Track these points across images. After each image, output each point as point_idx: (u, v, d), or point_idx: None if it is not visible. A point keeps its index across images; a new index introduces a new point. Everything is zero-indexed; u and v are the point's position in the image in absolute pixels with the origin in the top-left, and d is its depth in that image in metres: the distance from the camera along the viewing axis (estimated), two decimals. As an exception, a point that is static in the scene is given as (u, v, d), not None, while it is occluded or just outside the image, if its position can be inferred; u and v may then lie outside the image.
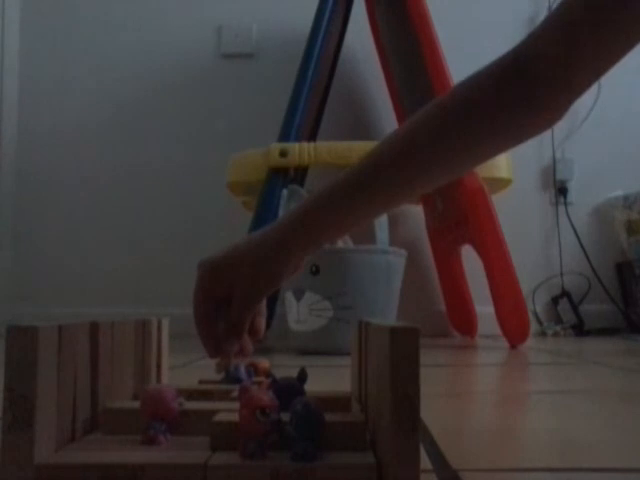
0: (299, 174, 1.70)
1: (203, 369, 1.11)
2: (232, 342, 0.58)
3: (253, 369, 0.68)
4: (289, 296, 1.49)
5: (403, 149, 0.57)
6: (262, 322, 0.62)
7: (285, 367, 1.17)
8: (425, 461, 0.48)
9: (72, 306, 2.15)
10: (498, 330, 1.62)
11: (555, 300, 2.16)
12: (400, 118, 2.09)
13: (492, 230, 1.59)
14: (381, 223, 1.49)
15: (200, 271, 0.59)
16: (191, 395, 0.57)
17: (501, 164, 1.72)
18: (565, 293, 2.15)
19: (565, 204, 2.19)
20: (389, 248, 1.51)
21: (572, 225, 2.16)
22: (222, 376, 0.65)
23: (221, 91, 2.25)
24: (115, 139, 2.25)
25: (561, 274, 2.16)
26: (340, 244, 1.48)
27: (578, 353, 1.48)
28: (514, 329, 1.60)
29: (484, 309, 1.84)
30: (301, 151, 1.62)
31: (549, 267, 2.18)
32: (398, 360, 0.35)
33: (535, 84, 0.53)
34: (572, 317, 2.13)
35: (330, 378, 1.03)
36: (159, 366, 0.65)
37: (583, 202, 2.20)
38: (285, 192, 1.49)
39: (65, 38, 2.29)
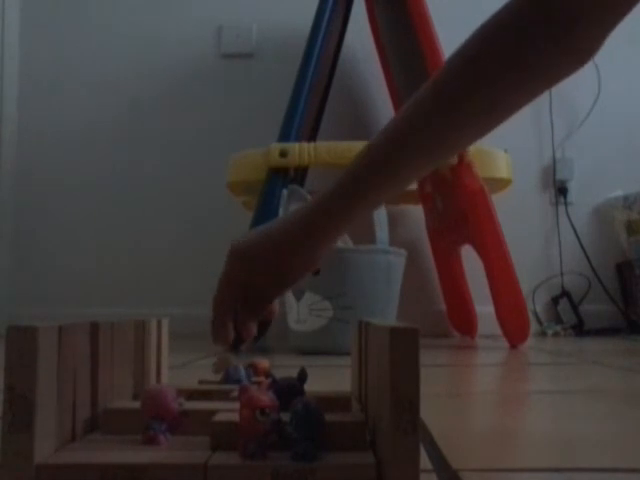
0: (299, 174, 1.70)
1: (203, 369, 1.11)
2: (251, 327, 0.60)
3: (253, 369, 0.68)
4: (289, 296, 1.49)
5: (432, 107, 0.55)
6: (276, 303, 0.63)
7: (285, 367, 1.17)
8: (425, 461, 0.48)
9: (72, 306, 2.15)
10: (498, 330, 1.62)
11: (555, 300, 2.16)
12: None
13: (492, 230, 1.59)
14: (381, 223, 1.49)
15: (231, 258, 0.59)
16: (191, 395, 0.57)
17: (501, 164, 1.72)
18: (565, 293, 2.15)
19: (565, 204, 2.19)
20: (389, 248, 1.50)
21: (572, 225, 2.16)
22: (222, 376, 0.65)
23: (221, 91, 2.25)
24: (115, 139, 2.25)
25: (561, 274, 2.16)
26: (340, 244, 1.48)
27: (578, 353, 1.48)
28: (514, 329, 1.60)
29: (484, 309, 1.84)
30: (301, 151, 1.62)
31: (549, 267, 2.18)
32: (398, 360, 0.35)
33: (559, 13, 0.50)
34: (572, 317, 2.13)
35: (330, 378, 1.03)
36: (159, 366, 0.65)
37: (583, 202, 2.20)
38: (285, 192, 1.49)
39: (65, 38, 2.29)
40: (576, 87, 2.03)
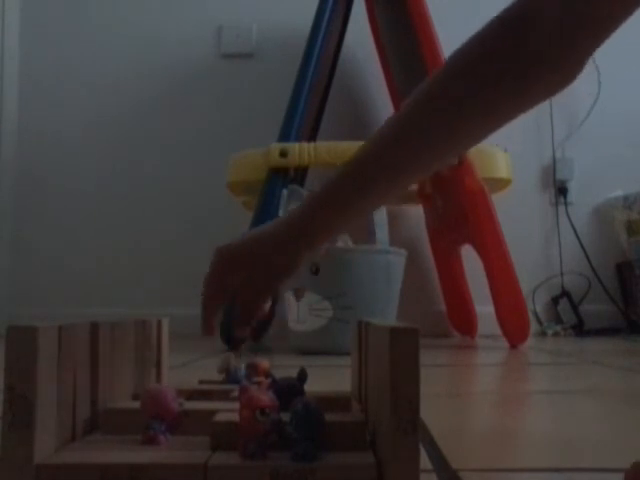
0: (299, 174, 1.70)
1: (203, 369, 1.11)
2: (244, 327, 0.60)
3: (253, 369, 0.68)
4: (289, 296, 1.49)
5: (407, 126, 0.57)
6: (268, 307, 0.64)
7: (285, 367, 1.17)
8: (425, 461, 0.48)
9: (72, 306, 2.15)
10: (498, 330, 1.62)
11: (555, 300, 2.16)
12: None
13: (492, 230, 1.59)
14: (381, 223, 1.49)
15: (216, 256, 0.60)
16: (191, 395, 0.57)
17: (501, 164, 1.72)
18: (565, 293, 2.15)
19: (565, 204, 2.19)
20: (389, 248, 1.50)
21: (572, 225, 2.16)
22: (222, 376, 0.65)
23: (221, 91, 2.25)
24: (115, 139, 2.25)
25: (561, 274, 2.16)
26: (340, 244, 1.48)
27: (578, 353, 1.48)
28: (514, 329, 1.60)
29: (484, 309, 1.84)
30: (301, 151, 1.62)
31: (549, 267, 2.18)
32: (398, 360, 0.35)
33: (538, 38, 0.51)
34: (572, 317, 2.13)
35: (330, 378, 1.03)
36: (159, 366, 0.65)
37: (583, 202, 2.20)
38: (285, 192, 1.49)
39: (65, 39, 2.29)
40: (576, 87, 2.03)
